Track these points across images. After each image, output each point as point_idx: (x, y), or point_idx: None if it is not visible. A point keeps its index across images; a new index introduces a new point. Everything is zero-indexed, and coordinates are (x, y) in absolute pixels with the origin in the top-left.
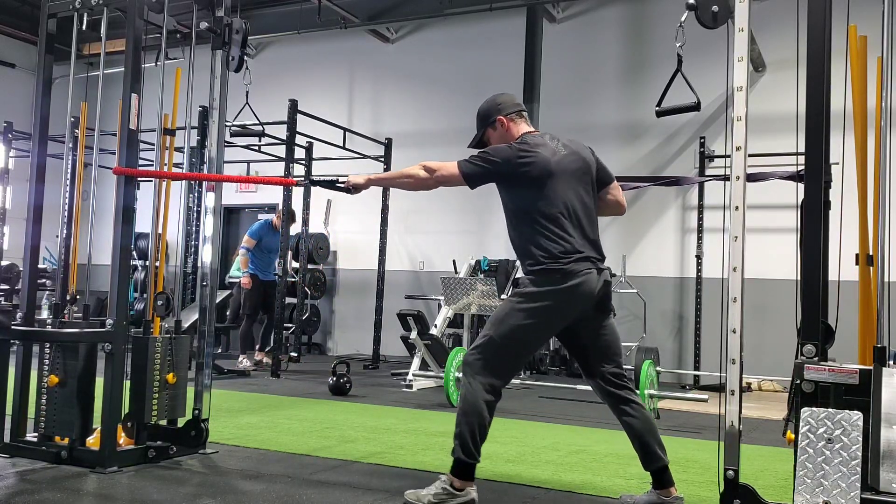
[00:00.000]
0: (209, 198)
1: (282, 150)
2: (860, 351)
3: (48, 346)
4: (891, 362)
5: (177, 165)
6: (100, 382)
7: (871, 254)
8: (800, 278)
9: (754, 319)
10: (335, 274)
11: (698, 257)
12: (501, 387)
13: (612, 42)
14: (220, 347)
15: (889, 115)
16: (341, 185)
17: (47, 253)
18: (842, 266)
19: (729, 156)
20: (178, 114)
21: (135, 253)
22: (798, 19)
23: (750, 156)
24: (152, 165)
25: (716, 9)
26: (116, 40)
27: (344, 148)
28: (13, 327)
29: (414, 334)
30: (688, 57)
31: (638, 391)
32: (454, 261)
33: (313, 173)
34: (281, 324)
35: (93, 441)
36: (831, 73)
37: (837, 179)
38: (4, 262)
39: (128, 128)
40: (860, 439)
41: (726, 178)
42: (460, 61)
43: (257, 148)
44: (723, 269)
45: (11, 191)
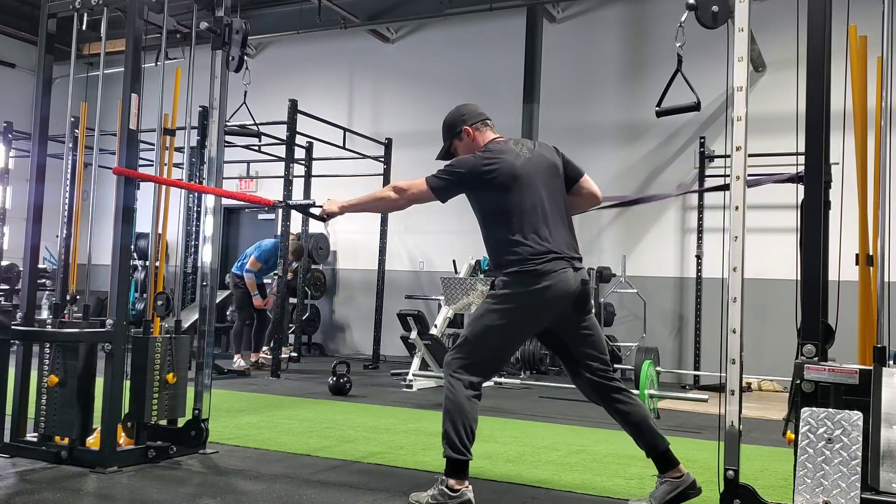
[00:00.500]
0: (209, 198)
1: (282, 150)
2: (860, 351)
3: (48, 346)
4: (891, 362)
5: (177, 165)
6: (100, 382)
7: (871, 254)
8: (800, 278)
9: (754, 319)
10: (335, 274)
11: (698, 257)
12: (481, 384)
13: (612, 42)
14: (219, 347)
15: (889, 115)
16: (315, 209)
17: (47, 253)
18: (842, 266)
19: (729, 156)
20: (178, 114)
21: (135, 253)
22: (798, 19)
23: (750, 156)
24: (152, 165)
25: (716, 9)
26: (116, 40)
27: (344, 148)
28: (13, 327)
29: (414, 334)
30: (688, 57)
31: (637, 391)
32: (454, 261)
33: (313, 173)
34: (281, 324)
35: (93, 441)
36: (831, 72)
37: (837, 179)
38: (4, 262)
39: (128, 128)
40: (860, 439)
41: (725, 188)
42: (460, 61)
43: (257, 148)
44: (723, 269)
45: (11, 191)
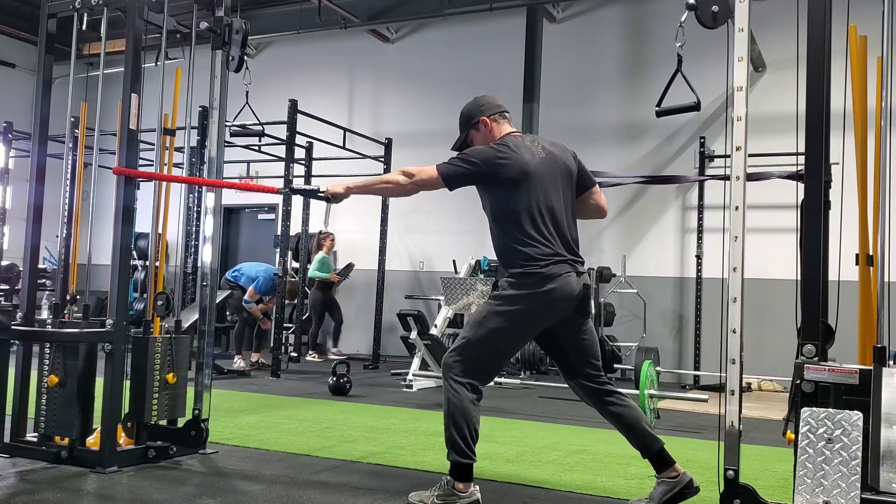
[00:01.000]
0: (209, 198)
1: (282, 150)
2: (860, 351)
3: (48, 346)
4: (891, 362)
5: (177, 165)
6: (100, 382)
7: (871, 254)
8: (800, 278)
9: (754, 319)
10: None
11: (698, 257)
12: (482, 386)
13: (612, 42)
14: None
15: (889, 115)
16: (321, 194)
17: (47, 253)
18: (842, 266)
19: (729, 156)
20: (178, 114)
21: (135, 253)
22: (798, 19)
23: (750, 156)
24: (152, 165)
25: (716, 9)
26: (116, 40)
27: (344, 148)
28: (13, 327)
29: (414, 334)
30: (688, 57)
31: (637, 391)
32: (454, 261)
33: (313, 173)
34: (281, 324)
35: (93, 441)
36: (831, 73)
37: (837, 179)
38: (4, 262)
39: (128, 128)
40: (860, 439)
41: (726, 178)
42: (460, 61)
43: (257, 148)
44: (723, 269)
45: (11, 191)
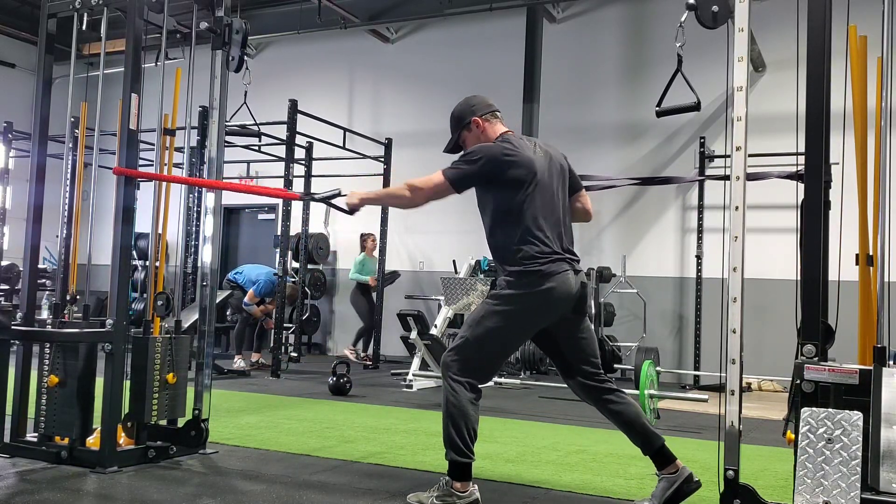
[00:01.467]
0: (209, 198)
1: (282, 150)
2: (860, 351)
3: (48, 346)
4: (891, 362)
5: (177, 165)
6: (100, 382)
7: (871, 254)
8: (800, 278)
9: (754, 319)
10: (335, 274)
11: (698, 257)
12: (480, 385)
13: (612, 42)
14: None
15: (889, 115)
16: (341, 209)
17: (47, 253)
18: (842, 266)
19: (729, 156)
20: (178, 114)
21: (135, 253)
22: (798, 19)
23: (750, 156)
24: (152, 165)
25: (716, 9)
26: (116, 40)
27: (344, 148)
28: (13, 327)
29: (414, 334)
30: (688, 57)
31: (637, 390)
32: (454, 261)
33: (313, 173)
34: (281, 324)
35: (93, 441)
36: (831, 73)
37: (837, 179)
38: (4, 262)
39: (128, 128)
40: (860, 439)
41: (726, 178)
42: (460, 61)
43: (257, 148)
44: (723, 269)
45: (11, 191)
